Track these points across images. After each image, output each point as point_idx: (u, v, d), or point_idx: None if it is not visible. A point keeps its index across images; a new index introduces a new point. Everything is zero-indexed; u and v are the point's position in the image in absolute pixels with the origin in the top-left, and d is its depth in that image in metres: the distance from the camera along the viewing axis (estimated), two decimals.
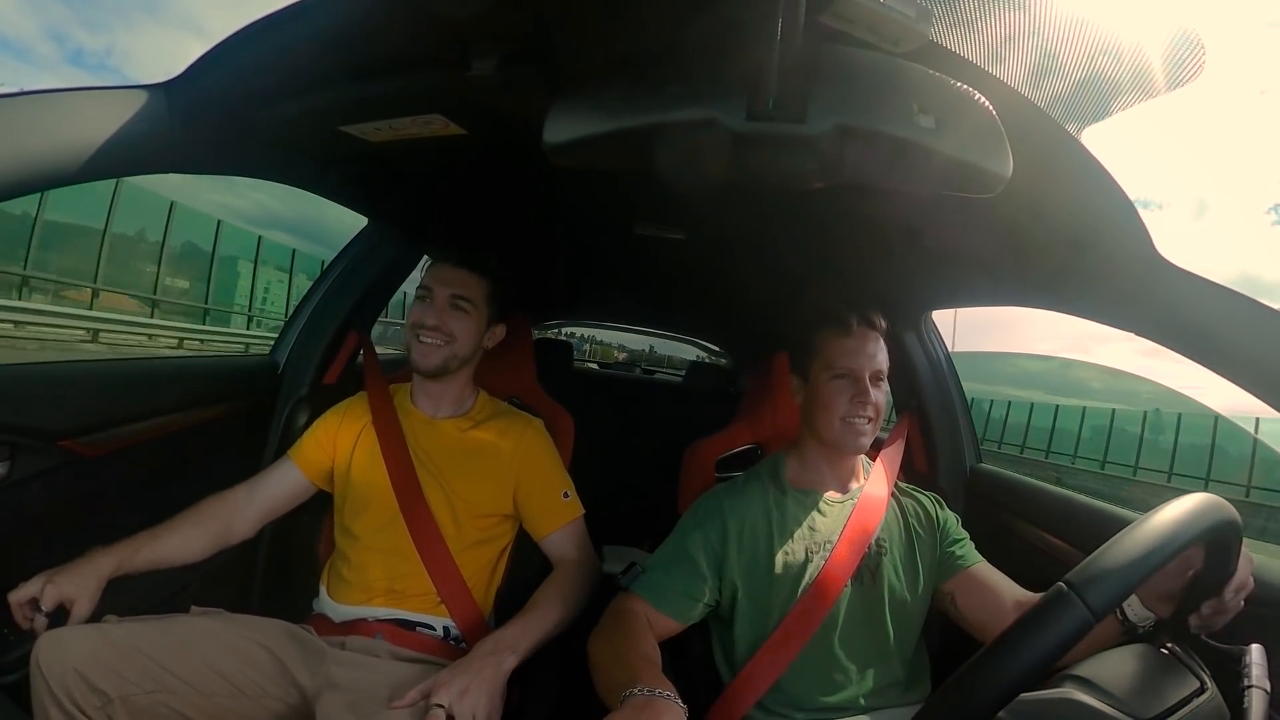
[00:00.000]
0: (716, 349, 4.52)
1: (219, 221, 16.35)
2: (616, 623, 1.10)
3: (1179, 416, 18.22)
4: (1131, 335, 1.04)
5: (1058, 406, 22.65)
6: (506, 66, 0.83)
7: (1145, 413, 19.61)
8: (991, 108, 0.72)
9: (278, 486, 1.36)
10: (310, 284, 1.86)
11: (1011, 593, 1.16)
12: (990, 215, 1.02)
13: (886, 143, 0.72)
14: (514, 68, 0.83)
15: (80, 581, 1.00)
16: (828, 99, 0.70)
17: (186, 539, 1.21)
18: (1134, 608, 0.89)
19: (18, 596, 0.97)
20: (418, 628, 1.27)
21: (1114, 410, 20.82)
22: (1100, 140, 0.84)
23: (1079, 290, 1.12)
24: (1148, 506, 0.69)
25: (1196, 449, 17.66)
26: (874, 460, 1.37)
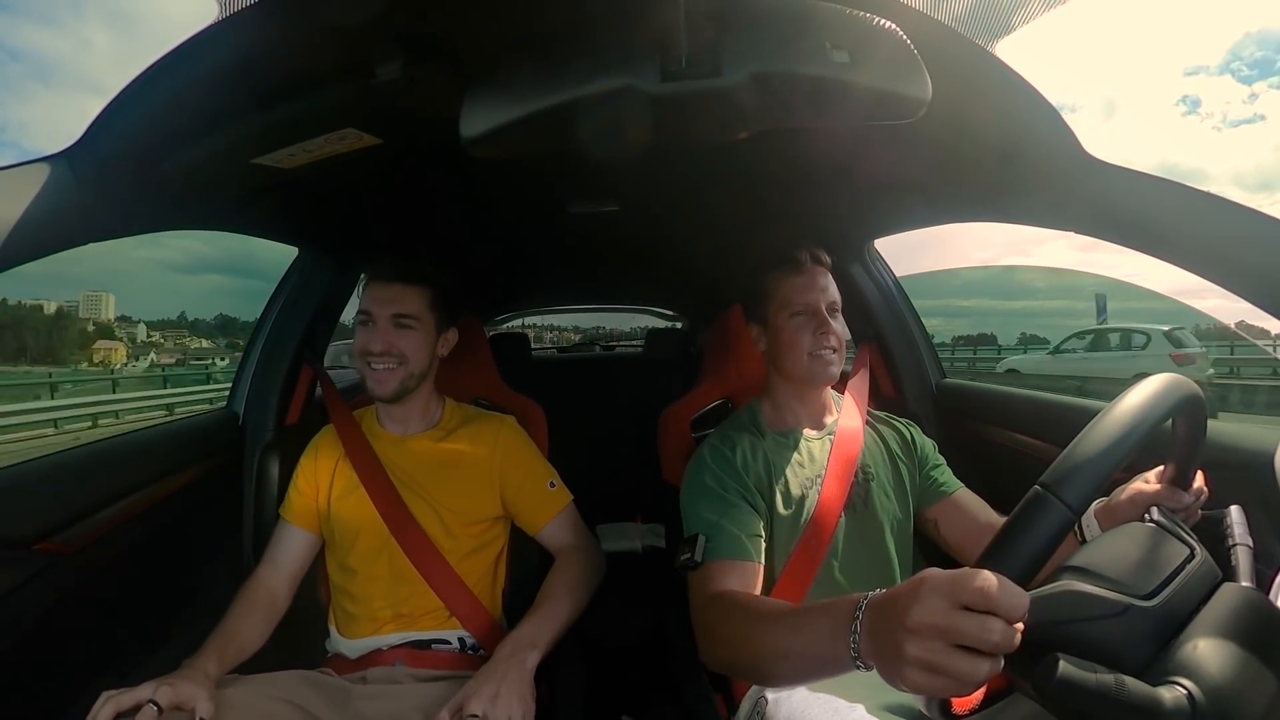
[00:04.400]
0: (670, 314, 4.54)
1: None
2: (723, 615, 0.96)
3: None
4: (1067, 234, 1.07)
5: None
6: (412, 67, 0.81)
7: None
8: (903, 34, 0.72)
9: (293, 550, 1.33)
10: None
11: (988, 516, 1.22)
12: (918, 139, 1.04)
13: (804, 83, 0.72)
14: (420, 67, 0.81)
15: (195, 687, 0.96)
16: (740, 49, 0.70)
17: (252, 625, 1.20)
18: (1092, 529, 0.93)
19: (128, 700, 0.91)
20: (433, 645, 1.26)
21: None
22: (1006, 53, 0.85)
23: (1014, 199, 1.15)
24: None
25: None
26: (843, 393, 1.40)
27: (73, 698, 0.95)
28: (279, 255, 1.68)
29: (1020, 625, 0.55)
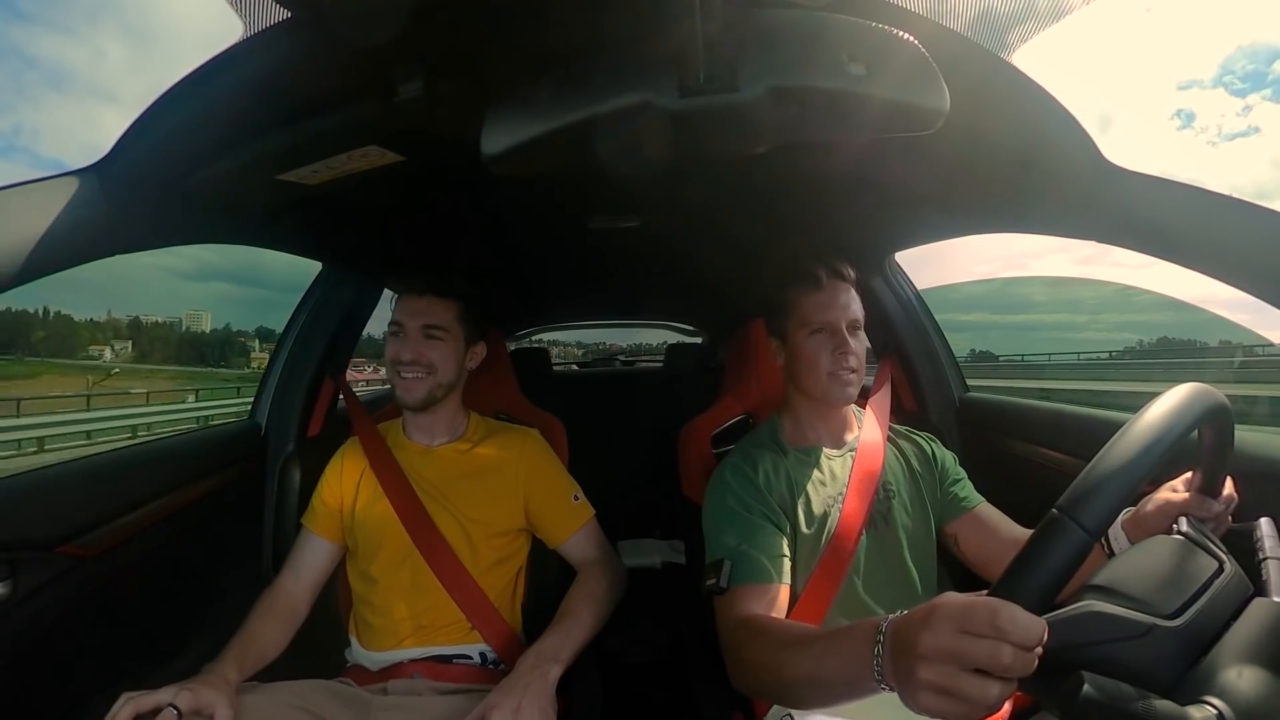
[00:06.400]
0: (690, 328, 4.53)
1: None
2: (750, 640, 0.95)
3: None
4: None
5: None
6: (433, 85, 0.82)
7: None
8: (919, 45, 0.72)
9: (315, 560, 1.35)
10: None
11: (1010, 531, 1.19)
12: (936, 150, 1.03)
13: (821, 97, 0.72)
14: (440, 85, 0.83)
15: (215, 692, 0.97)
16: (757, 64, 0.70)
17: (272, 632, 1.21)
18: (1120, 541, 0.91)
19: (148, 702, 0.93)
20: (454, 659, 1.26)
21: None
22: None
23: (1035, 208, 1.13)
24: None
25: None
26: (864, 408, 1.38)
27: (92, 698, 0.95)
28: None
29: (1038, 650, 0.54)
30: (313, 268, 1.73)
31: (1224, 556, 0.67)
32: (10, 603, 1.02)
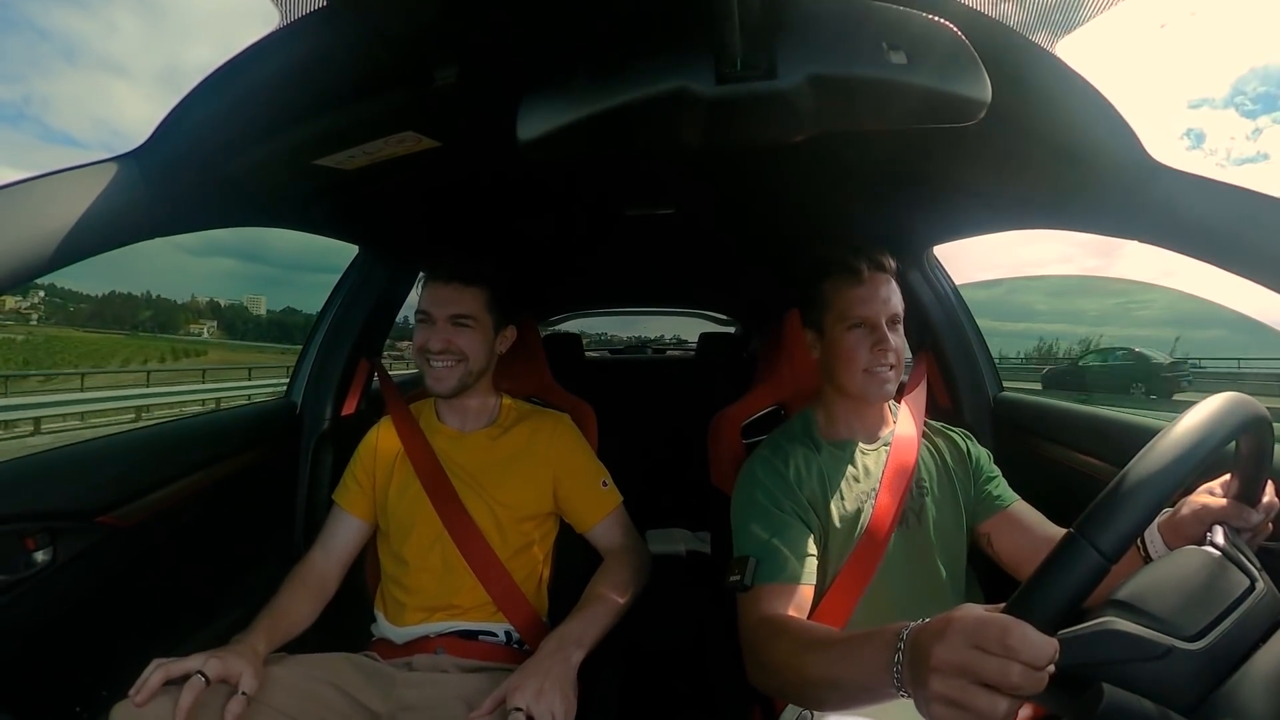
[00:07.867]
0: (724, 318, 4.51)
1: None
2: (770, 640, 0.95)
3: None
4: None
5: None
6: (468, 72, 0.82)
7: None
8: (961, 34, 0.70)
9: (345, 537, 1.37)
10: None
11: (1045, 530, 1.16)
12: (978, 142, 1.01)
13: (861, 86, 0.71)
14: (476, 72, 0.83)
15: (242, 662, 1.00)
16: (795, 51, 0.69)
17: (300, 606, 1.24)
18: (1156, 545, 0.89)
19: (178, 669, 0.95)
20: (480, 636, 1.28)
21: None
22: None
23: (1077, 205, 1.10)
24: None
25: None
26: (899, 404, 1.36)
27: (125, 663, 0.98)
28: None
29: (1049, 669, 0.54)
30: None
31: (1256, 574, 0.65)
32: (50, 569, 1.06)
